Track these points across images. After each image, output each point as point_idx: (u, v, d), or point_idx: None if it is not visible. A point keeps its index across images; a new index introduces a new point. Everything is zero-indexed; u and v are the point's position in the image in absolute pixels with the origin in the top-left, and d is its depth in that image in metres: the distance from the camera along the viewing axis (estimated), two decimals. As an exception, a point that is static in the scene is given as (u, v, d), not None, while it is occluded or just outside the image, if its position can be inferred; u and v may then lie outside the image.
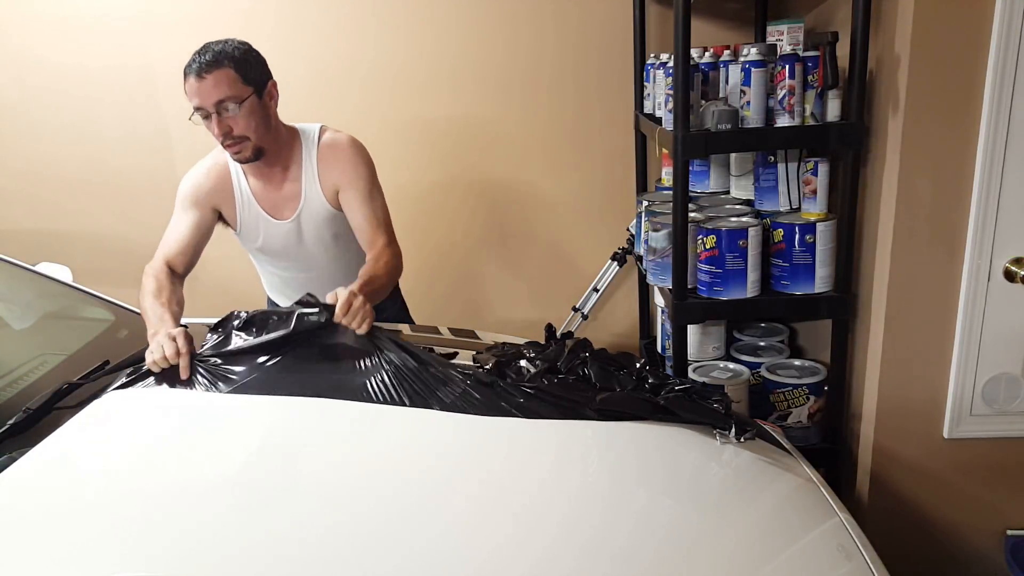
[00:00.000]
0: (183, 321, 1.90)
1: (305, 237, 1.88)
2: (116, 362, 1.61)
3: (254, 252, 1.97)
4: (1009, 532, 1.88)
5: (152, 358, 1.47)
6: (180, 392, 1.46)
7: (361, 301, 1.53)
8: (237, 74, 1.68)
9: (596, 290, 2.72)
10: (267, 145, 1.77)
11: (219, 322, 1.59)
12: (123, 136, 2.73)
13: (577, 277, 2.78)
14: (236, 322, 1.57)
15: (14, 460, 1.23)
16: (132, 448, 1.31)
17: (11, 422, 1.35)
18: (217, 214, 1.86)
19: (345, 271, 1.93)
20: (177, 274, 1.75)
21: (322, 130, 1.87)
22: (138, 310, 1.88)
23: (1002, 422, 1.79)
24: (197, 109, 1.70)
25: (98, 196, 2.80)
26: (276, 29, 2.61)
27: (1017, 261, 1.68)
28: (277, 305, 2.11)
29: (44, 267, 1.99)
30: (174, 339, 1.48)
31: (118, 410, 1.42)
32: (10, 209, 2.84)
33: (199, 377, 1.47)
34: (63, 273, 1.99)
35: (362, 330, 1.52)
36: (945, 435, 1.82)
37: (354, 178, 1.82)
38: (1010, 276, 1.69)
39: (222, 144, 1.74)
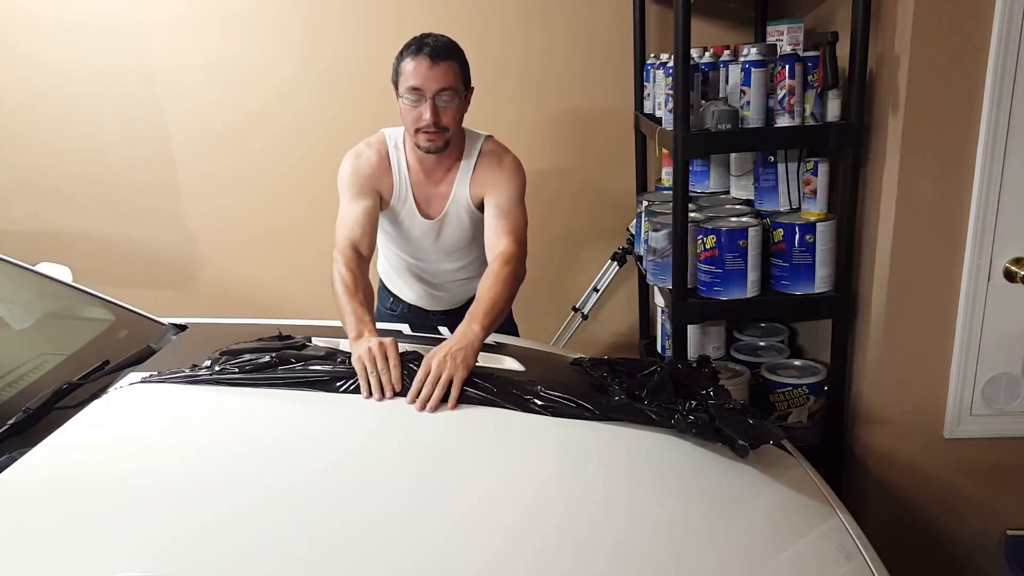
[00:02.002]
0: (183, 322, 1.91)
1: (443, 235, 1.93)
2: (116, 362, 1.61)
3: (390, 234, 1.98)
4: (1009, 532, 1.88)
5: (361, 361, 1.45)
6: (188, 388, 1.46)
7: (447, 374, 1.42)
8: (460, 69, 1.76)
9: (596, 290, 2.71)
10: (453, 141, 1.83)
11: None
12: (123, 136, 2.73)
13: (577, 277, 2.79)
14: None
15: (14, 460, 1.23)
16: (136, 446, 1.31)
17: (11, 422, 1.34)
18: (380, 196, 1.88)
19: (469, 272, 2.01)
20: (364, 257, 1.76)
21: (487, 139, 1.92)
22: (138, 310, 1.89)
23: (1002, 422, 1.80)
24: (413, 90, 1.72)
25: (98, 196, 2.80)
26: (274, 30, 2.61)
27: (1017, 261, 1.68)
28: (388, 289, 2.14)
29: (44, 267, 1.99)
30: (384, 350, 1.46)
31: (124, 406, 1.43)
32: (10, 209, 2.84)
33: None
34: (63, 273, 1.98)
35: (450, 401, 1.41)
36: (945, 435, 1.82)
37: (502, 185, 1.85)
38: (1010, 276, 1.69)
39: (419, 130, 1.76)
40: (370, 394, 1.43)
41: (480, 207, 1.89)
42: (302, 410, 1.43)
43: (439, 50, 1.71)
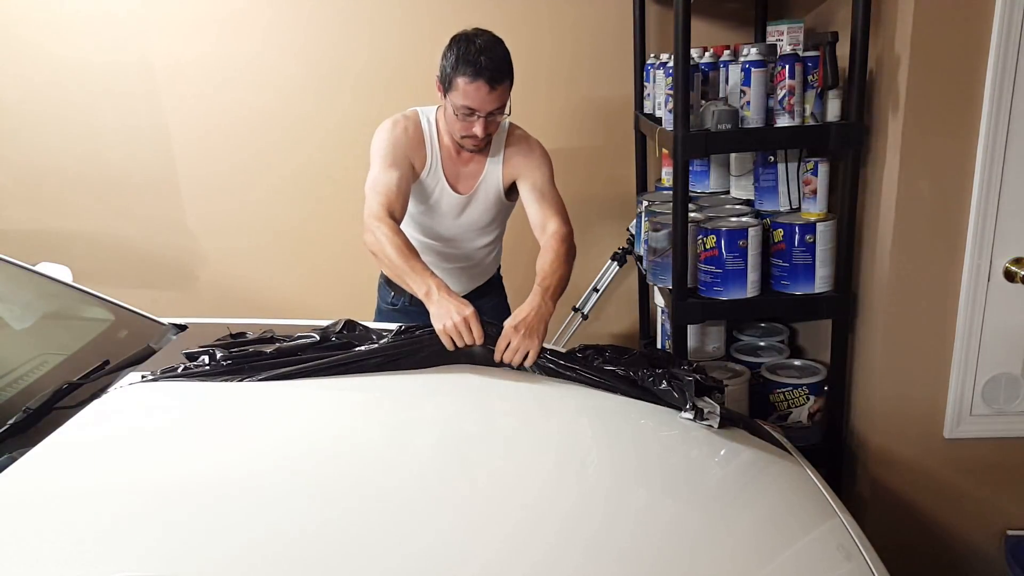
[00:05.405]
0: (183, 322, 1.91)
1: (469, 212, 1.98)
2: (116, 362, 1.61)
3: (411, 212, 2.00)
4: (1009, 532, 1.88)
5: (447, 334, 1.58)
6: (187, 387, 1.46)
7: (520, 337, 1.60)
8: (511, 83, 1.81)
9: (596, 290, 2.71)
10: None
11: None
12: (123, 134, 2.73)
13: (577, 277, 2.78)
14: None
15: (14, 460, 1.23)
16: (136, 446, 1.31)
17: (11, 422, 1.35)
18: (412, 168, 1.92)
19: (488, 252, 2.08)
20: (398, 222, 1.81)
21: (511, 124, 1.99)
22: (138, 310, 1.89)
23: (1002, 422, 1.80)
24: (467, 108, 1.77)
25: (98, 195, 2.80)
26: (272, 28, 2.61)
27: (1017, 261, 1.68)
28: (389, 283, 2.14)
29: (44, 267, 1.99)
30: (468, 323, 1.58)
31: (124, 406, 1.43)
32: (10, 209, 2.84)
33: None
34: (63, 273, 1.98)
35: (528, 363, 1.59)
36: (945, 435, 1.82)
37: (536, 169, 1.94)
38: (1010, 276, 1.69)
39: (466, 136, 1.83)
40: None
41: (508, 191, 1.97)
42: (303, 406, 1.43)
43: (496, 74, 1.74)
